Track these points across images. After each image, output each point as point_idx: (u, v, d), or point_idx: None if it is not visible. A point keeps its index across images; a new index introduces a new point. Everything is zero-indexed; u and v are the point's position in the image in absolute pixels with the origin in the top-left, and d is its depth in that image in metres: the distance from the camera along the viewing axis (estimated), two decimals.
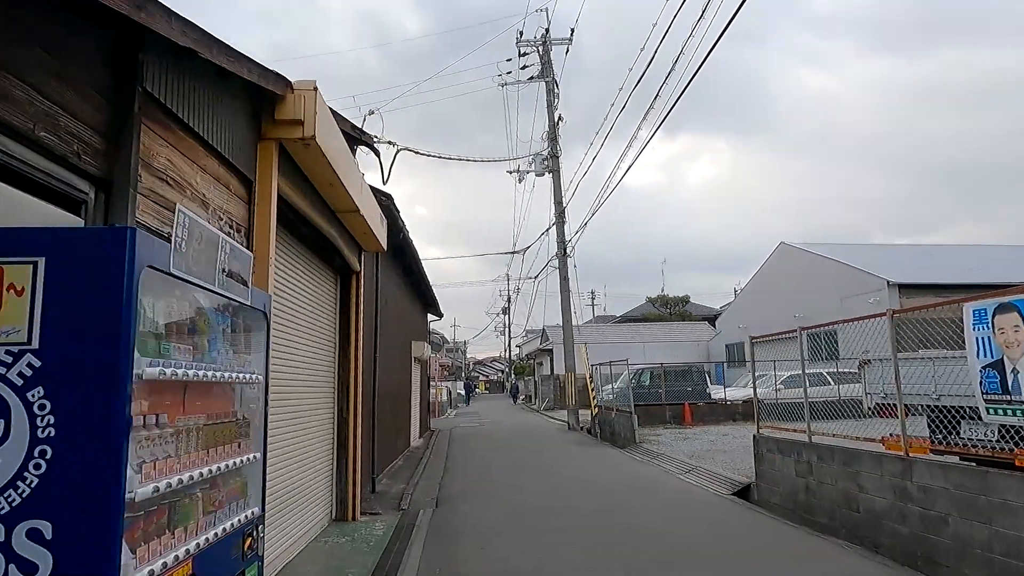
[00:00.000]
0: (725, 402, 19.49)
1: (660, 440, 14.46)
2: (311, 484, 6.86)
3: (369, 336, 9.31)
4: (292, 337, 6.07)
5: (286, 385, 5.92)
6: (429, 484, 10.00)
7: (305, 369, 6.60)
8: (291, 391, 6.11)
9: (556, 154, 19.96)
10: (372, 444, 9.33)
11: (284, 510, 5.76)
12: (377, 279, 9.68)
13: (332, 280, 7.85)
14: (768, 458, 8.07)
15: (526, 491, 9.05)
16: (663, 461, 11.51)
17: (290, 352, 5.99)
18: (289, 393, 6.02)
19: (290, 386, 6.06)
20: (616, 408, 16.01)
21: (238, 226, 4.25)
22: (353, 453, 7.78)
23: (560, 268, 19.77)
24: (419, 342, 15.64)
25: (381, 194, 8.46)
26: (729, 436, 14.72)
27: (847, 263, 22.91)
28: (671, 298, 45.30)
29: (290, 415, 6.03)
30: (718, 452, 12.01)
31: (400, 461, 12.54)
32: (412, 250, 11.66)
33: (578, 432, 18.69)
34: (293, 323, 6.10)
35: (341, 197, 5.80)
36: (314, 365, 7.00)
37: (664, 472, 10.48)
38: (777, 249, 27.37)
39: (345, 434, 7.77)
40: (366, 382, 8.97)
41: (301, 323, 6.43)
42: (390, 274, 11.93)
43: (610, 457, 12.82)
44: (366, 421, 8.93)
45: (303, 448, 6.53)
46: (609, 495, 8.61)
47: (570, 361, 19.45)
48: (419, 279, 15.11)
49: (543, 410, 31.00)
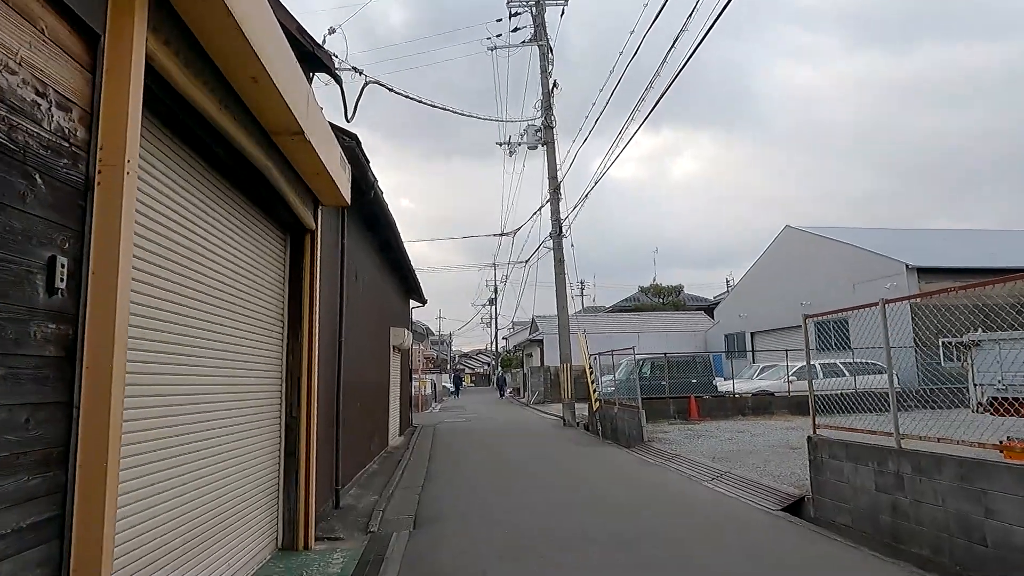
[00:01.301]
0: (733, 396, 17.96)
1: (669, 438, 12.86)
2: (245, 506, 5.14)
3: (331, 316, 7.54)
4: (209, 312, 4.32)
5: (202, 379, 4.19)
6: (407, 496, 8.28)
7: (233, 358, 4.86)
8: (211, 387, 4.38)
9: (550, 124, 18.22)
10: (335, 449, 7.58)
11: (204, 543, 4.05)
12: (343, 246, 7.91)
13: (278, 240, 6.09)
14: (831, 466, 6.44)
15: (524, 508, 7.36)
16: (681, 465, 9.88)
17: (205, 333, 4.25)
18: (208, 389, 4.30)
19: (208, 381, 4.33)
20: (619, 402, 14.38)
21: (65, 102, 2.48)
22: (306, 463, 6.04)
23: (555, 249, 18.07)
24: (399, 328, 13.89)
25: (344, 134, 6.69)
26: (746, 434, 13.16)
27: (860, 246, 21.45)
28: (664, 287, 43.78)
29: (208, 419, 4.31)
30: (743, 453, 10.40)
31: (375, 465, 10.80)
32: (388, 218, 9.89)
33: (575, 429, 17.05)
34: (210, 292, 4.35)
35: (272, 103, 4.02)
36: (249, 352, 5.26)
37: (687, 480, 8.84)
38: (782, 233, 25.89)
39: (295, 439, 6.03)
40: (326, 374, 7.21)
41: (225, 293, 4.68)
42: (363, 247, 10.16)
43: (617, 460, 11.17)
44: (325, 422, 7.18)
45: (232, 461, 4.81)
46: (629, 514, 6.95)
47: (565, 350, 17.78)
48: (399, 258, 13.33)
49: (533, 404, 29.36)
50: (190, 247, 3.98)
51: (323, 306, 7.22)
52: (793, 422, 15.50)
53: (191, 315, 4.03)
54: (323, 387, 7.12)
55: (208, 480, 4.35)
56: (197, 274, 4.13)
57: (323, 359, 7.16)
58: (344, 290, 7.91)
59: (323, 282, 7.24)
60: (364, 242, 10.11)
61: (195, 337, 4.12)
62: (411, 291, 18.13)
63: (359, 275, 9.53)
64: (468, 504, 7.70)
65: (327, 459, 7.25)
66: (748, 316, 28.08)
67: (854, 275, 21.39)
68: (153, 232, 3.46)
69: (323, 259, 7.35)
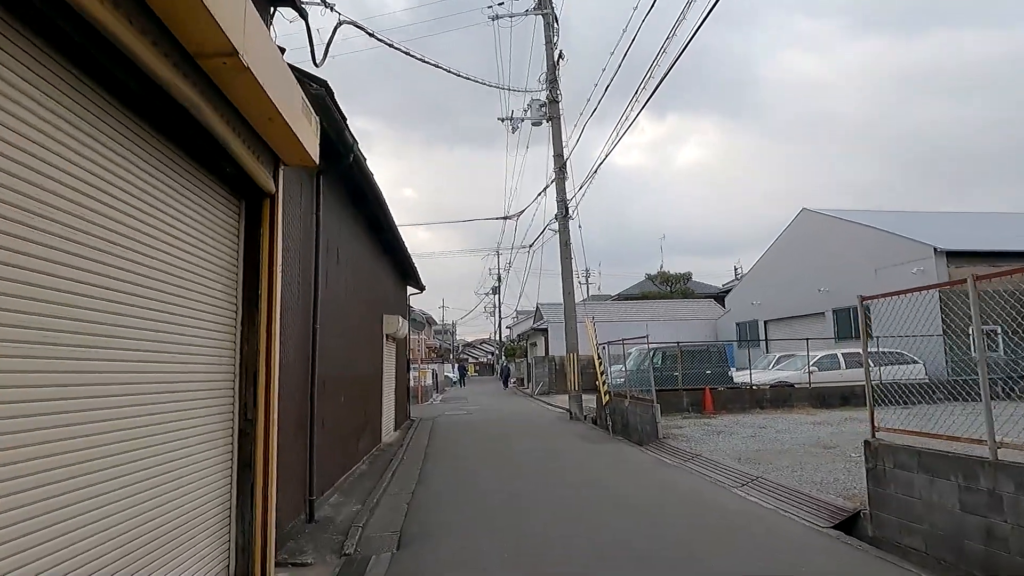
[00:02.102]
0: (750, 387, 16.88)
1: (685, 434, 11.81)
2: (184, 532, 4.13)
3: (304, 300, 6.48)
4: (133, 294, 3.31)
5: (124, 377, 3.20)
6: (395, 504, 7.26)
7: (167, 350, 3.84)
8: (137, 387, 3.39)
9: (556, 98, 17.05)
10: (308, 454, 6.55)
11: None
12: (318, 219, 6.84)
13: (228, 206, 5.02)
14: (897, 477, 5.36)
15: (532, 519, 6.32)
16: (704, 466, 8.82)
17: (128, 320, 3.23)
18: (132, 390, 3.31)
19: (133, 379, 3.34)
20: (630, 395, 13.33)
21: None
22: (264, 476, 5.00)
23: (560, 231, 16.95)
24: (392, 316, 12.84)
25: (311, 80, 5.60)
26: (769, 430, 12.10)
27: (884, 229, 20.26)
28: (672, 275, 42.58)
29: (131, 427, 3.33)
30: (771, 454, 9.34)
31: (363, 466, 9.79)
32: (375, 191, 8.79)
33: (582, 423, 16.02)
34: (135, 269, 3.33)
35: (187, 6, 2.93)
36: (189, 343, 4.23)
37: (713, 485, 7.78)
38: (798, 217, 24.69)
39: (250, 448, 4.98)
40: (296, 366, 6.17)
41: (157, 270, 3.66)
42: (347, 225, 9.09)
43: (632, 459, 10.13)
44: (295, 423, 6.14)
45: (166, 478, 3.83)
46: (653, 530, 5.90)
47: (572, 339, 16.72)
48: (391, 240, 12.25)
49: (537, 395, 28.37)
50: (100, 208, 2.94)
51: (293, 288, 6.16)
52: (816, 416, 14.44)
53: (106, 296, 3.00)
54: (292, 382, 6.08)
55: (132, 503, 3.36)
56: (116, 246, 3.11)
57: (293, 349, 6.11)
58: (320, 270, 6.85)
59: (293, 260, 6.18)
60: (348, 219, 9.04)
61: (114, 325, 3.09)
62: (407, 277, 17.06)
63: (341, 254, 8.47)
64: (464, 514, 6.67)
65: (297, 466, 6.22)
66: (761, 304, 26.95)
67: (877, 260, 20.23)
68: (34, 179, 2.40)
69: (293, 234, 6.29)
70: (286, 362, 5.85)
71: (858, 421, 13.00)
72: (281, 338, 5.71)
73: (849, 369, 17.79)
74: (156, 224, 3.74)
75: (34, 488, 2.56)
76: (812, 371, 17.28)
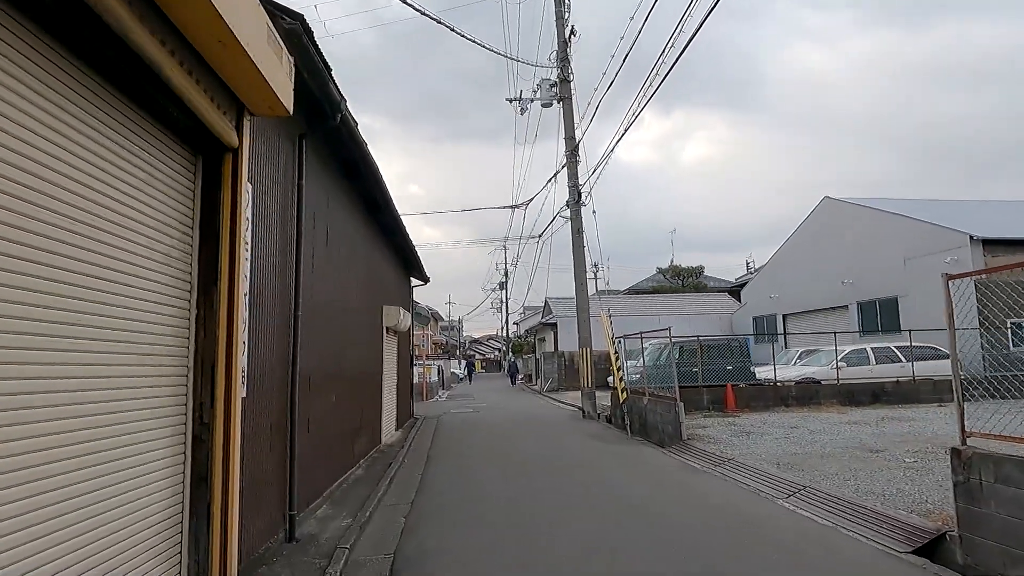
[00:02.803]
0: (774, 384, 15.87)
1: (711, 435, 10.85)
2: (118, 562, 3.27)
3: (279, 279, 5.56)
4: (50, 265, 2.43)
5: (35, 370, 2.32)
6: (391, 517, 6.34)
7: (96, 336, 2.96)
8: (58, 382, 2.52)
9: (567, 77, 16.06)
10: (290, 462, 5.64)
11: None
12: (300, 187, 5.90)
13: (180, 161, 4.11)
14: (1000, 495, 4.38)
15: (548, 542, 5.38)
16: (739, 472, 7.86)
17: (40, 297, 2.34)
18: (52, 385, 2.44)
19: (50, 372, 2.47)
20: (649, 392, 12.37)
21: None
22: (224, 490, 4.10)
23: (572, 218, 15.98)
24: (392, 307, 11.91)
25: (283, 12, 4.65)
26: (801, 430, 11.12)
27: (915, 217, 19.16)
28: (685, 268, 41.48)
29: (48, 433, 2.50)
30: (812, 458, 8.37)
31: (359, 471, 8.88)
32: (370, 164, 7.84)
33: (596, 422, 15.07)
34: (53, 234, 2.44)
35: None
36: (125, 328, 3.34)
37: (753, 495, 6.82)
38: (820, 206, 23.60)
39: (206, 456, 4.08)
40: (273, 359, 5.25)
41: (79, 235, 2.80)
42: (340, 200, 8.18)
43: (656, 464, 9.17)
44: (272, 425, 5.22)
45: (94, 496, 2.98)
46: (694, 554, 4.95)
47: (584, 333, 15.76)
48: (391, 224, 11.33)
49: (546, 392, 27.43)
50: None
51: (269, 266, 5.24)
52: (849, 414, 13.43)
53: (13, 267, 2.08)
54: (267, 377, 5.17)
55: (47, 528, 2.47)
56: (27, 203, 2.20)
57: (269, 339, 5.20)
58: (302, 248, 5.92)
59: (269, 233, 5.26)
60: (340, 195, 8.11)
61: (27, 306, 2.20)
62: (410, 267, 16.13)
63: (332, 233, 7.54)
64: (469, 533, 5.74)
65: (275, 476, 5.31)
66: (780, 297, 25.89)
67: (906, 249, 19.16)
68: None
69: (271, 203, 5.36)
70: (259, 354, 4.94)
71: (897, 420, 12.00)
72: (251, 325, 4.79)
73: (879, 365, 16.76)
74: (81, 180, 2.86)
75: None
76: (840, 367, 16.25)
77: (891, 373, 16.35)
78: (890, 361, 16.93)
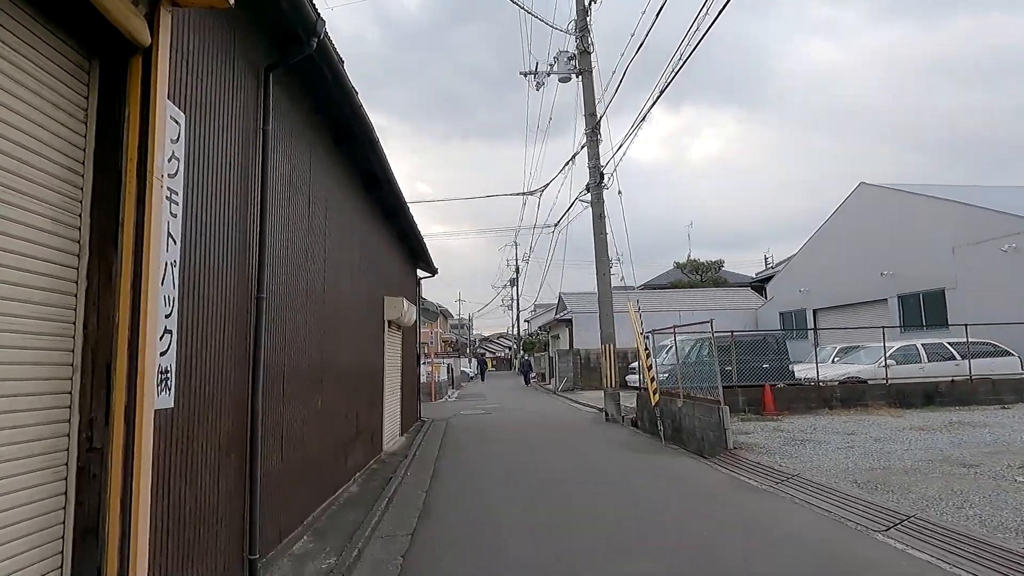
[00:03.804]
0: (817, 383, 14.40)
1: (758, 443, 9.47)
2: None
3: (238, 248, 4.23)
4: None
5: None
6: (385, 555, 5.03)
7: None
8: None
9: (587, 49, 14.66)
10: (249, 489, 4.32)
11: None
12: (266, 132, 4.58)
13: (67, 66, 2.81)
14: None
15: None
16: (808, 492, 6.47)
17: None
18: None
19: None
20: (684, 394, 10.97)
21: None
22: (124, 547, 2.79)
23: (593, 203, 14.59)
24: (395, 298, 10.60)
25: None
26: (861, 437, 9.70)
27: (966, 202, 17.60)
28: (703, 263, 39.92)
29: None
30: (895, 473, 6.97)
31: (354, 487, 7.57)
32: (361, 119, 6.47)
33: (621, 425, 13.68)
34: None
35: None
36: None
37: (839, 526, 5.42)
38: (855, 192, 22.03)
39: (98, 497, 2.77)
40: (217, 355, 3.91)
41: None
42: (333, 173, 6.87)
43: (703, 480, 7.78)
44: (222, 441, 3.89)
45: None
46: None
47: (608, 327, 14.38)
48: (392, 200, 10.00)
49: (561, 392, 26.06)
50: None
51: (212, 228, 3.92)
52: (906, 418, 11.97)
53: None
54: (214, 379, 3.85)
55: None
56: None
57: (213, 327, 3.87)
58: (269, 211, 4.60)
59: (215, 185, 3.93)
60: (330, 162, 6.79)
61: None
62: (416, 257, 14.83)
63: (317, 204, 6.22)
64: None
65: (228, 511, 3.98)
66: (810, 291, 24.34)
67: (955, 236, 17.60)
68: None
69: (220, 148, 4.04)
70: (198, 349, 3.61)
71: (969, 427, 10.54)
72: (183, 307, 3.47)
73: (931, 363, 15.25)
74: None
75: None
76: (889, 365, 14.75)
77: (945, 372, 14.83)
78: (942, 359, 15.41)
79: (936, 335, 17.17)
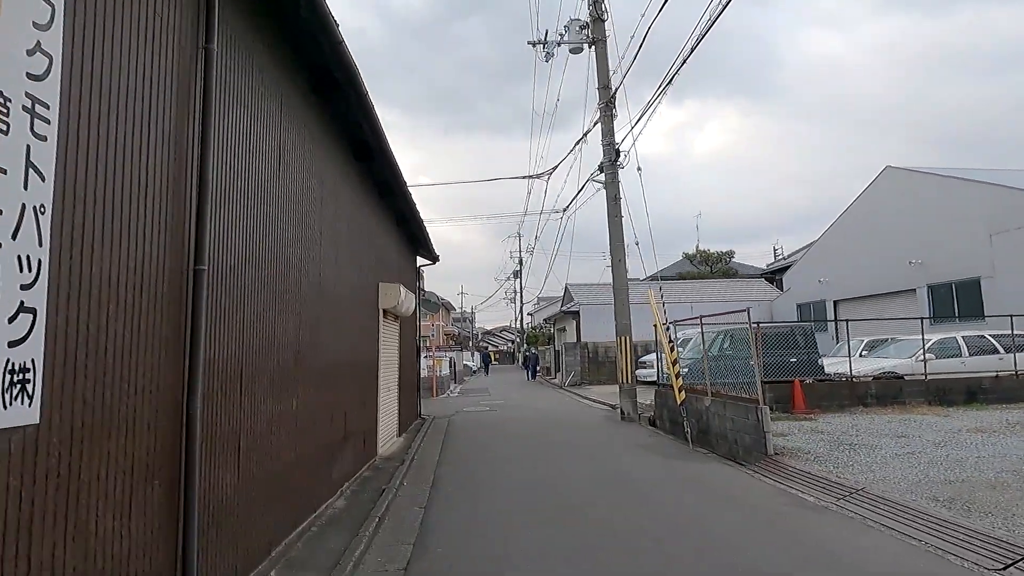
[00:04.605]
0: (850, 379, 13.29)
1: (800, 447, 8.37)
2: None
3: (159, 197, 3.10)
4: None
5: None
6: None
7: None
8: None
9: (600, 16, 13.50)
10: (183, 523, 3.22)
11: None
12: (207, 50, 3.47)
13: None
14: None
15: None
16: (881, 513, 5.38)
17: None
18: None
19: None
20: (712, 391, 9.89)
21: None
22: None
23: (607, 184, 13.45)
24: (391, 284, 9.51)
25: None
26: (915, 440, 8.62)
27: (1006, 185, 16.43)
28: (713, 253, 38.76)
29: None
30: (980, 487, 5.87)
31: (341, 501, 6.49)
32: (349, 70, 5.39)
33: (639, 425, 12.60)
34: None
35: None
36: None
37: (938, 562, 4.33)
38: (881, 176, 20.84)
39: None
40: (123, 341, 2.77)
41: None
42: (314, 133, 5.77)
43: (747, 494, 6.68)
44: (122, 471, 2.76)
45: None
46: None
47: (623, 318, 13.28)
48: (390, 180, 8.90)
49: (568, 387, 25.00)
50: None
51: (115, 164, 2.78)
52: (954, 418, 10.86)
53: None
54: (113, 378, 2.73)
55: None
56: None
57: (115, 304, 2.74)
58: (209, 155, 3.50)
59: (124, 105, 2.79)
60: (310, 120, 5.69)
61: None
62: (416, 243, 13.73)
63: (292, 166, 5.12)
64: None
65: (148, 557, 2.89)
66: (830, 282, 23.19)
67: (992, 222, 16.44)
68: None
69: (133, 59, 2.92)
70: (83, 333, 2.49)
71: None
72: (56, 273, 2.36)
73: (973, 357, 14.13)
74: None
75: None
76: (928, 359, 13.63)
77: (988, 366, 13.72)
78: (983, 352, 14.28)
79: (973, 327, 16.05)
